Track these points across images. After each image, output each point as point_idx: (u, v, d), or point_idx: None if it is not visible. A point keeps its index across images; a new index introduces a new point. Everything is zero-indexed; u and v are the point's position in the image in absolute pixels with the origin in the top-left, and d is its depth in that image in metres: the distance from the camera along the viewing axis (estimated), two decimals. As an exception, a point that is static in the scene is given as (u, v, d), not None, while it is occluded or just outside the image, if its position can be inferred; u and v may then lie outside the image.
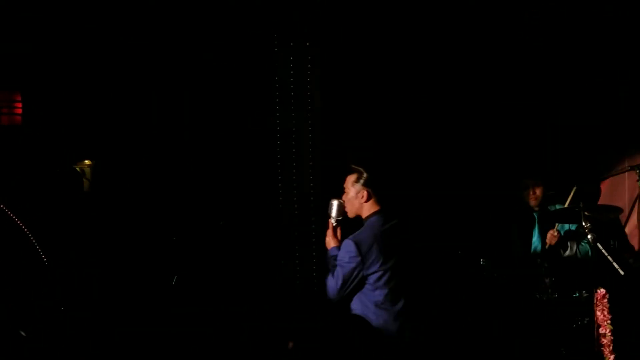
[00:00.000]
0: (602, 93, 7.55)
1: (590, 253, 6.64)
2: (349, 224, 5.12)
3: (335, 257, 4.91)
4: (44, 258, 6.49)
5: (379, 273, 4.81)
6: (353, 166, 4.99)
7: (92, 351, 5.01)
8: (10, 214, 6.55)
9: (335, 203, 5.04)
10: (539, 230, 6.93)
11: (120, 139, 7.74)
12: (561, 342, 6.14)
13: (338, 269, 4.85)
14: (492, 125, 7.75)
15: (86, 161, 7.94)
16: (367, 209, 4.96)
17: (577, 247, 6.74)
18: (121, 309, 6.32)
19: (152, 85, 7.70)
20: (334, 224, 5.06)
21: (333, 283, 4.86)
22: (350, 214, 5.03)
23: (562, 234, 6.79)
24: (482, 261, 6.57)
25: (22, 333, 5.43)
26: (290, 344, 5.06)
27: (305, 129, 7.84)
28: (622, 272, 6.45)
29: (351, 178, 5.00)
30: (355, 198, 4.97)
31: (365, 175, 4.95)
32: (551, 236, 6.72)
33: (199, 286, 6.76)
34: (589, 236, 6.11)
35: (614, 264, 6.36)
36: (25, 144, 7.67)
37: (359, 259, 4.79)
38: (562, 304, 6.30)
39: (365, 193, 4.94)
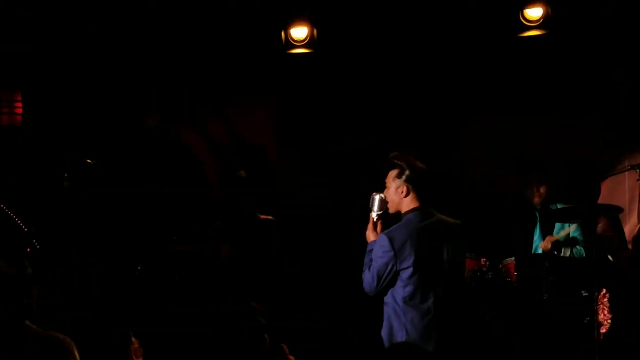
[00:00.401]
0: (602, 93, 7.54)
1: (584, 255, 6.65)
2: (391, 219, 5.08)
3: (372, 251, 4.92)
4: (43, 257, 6.50)
5: (411, 269, 4.76)
6: (396, 161, 4.96)
7: (91, 351, 5.00)
8: (11, 213, 6.56)
9: (377, 197, 4.99)
10: (540, 229, 6.92)
11: (120, 138, 7.74)
12: (561, 341, 6.14)
13: (373, 263, 4.84)
14: (493, 124, 7.76)
15: (87, 161, 7.94)
16: (406, 204, 4.90)
17: (571, 251, 6.74)
18: (121, 308, 6.32)
19: (152, 85, 7.71)
20: (375, 219, 5.02)
21: (369, 278, 4.84)
22: (391, 209, 4.97)
23: (561, 239, 6.79)
24: (483, 260, 6.57)
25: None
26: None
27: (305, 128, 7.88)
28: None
29: (393, 173, 4.94)
30: (395, 193, 4.91)
31: (407, 171, 4.90)
32: (545, 245, 6.72)
33: (199, 285, 6.77)
34: None
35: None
36: (25, 143, 7.68)
37: (391, 253, 4.76)
38: (562, 304, 6.30)
39: (405, 189, 4.88)
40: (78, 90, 7.67)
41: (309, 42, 7.20)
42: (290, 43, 7.24)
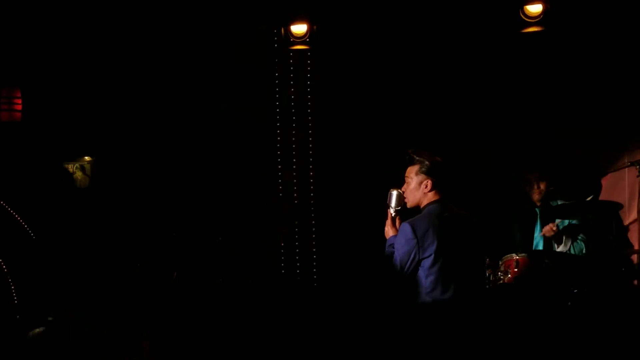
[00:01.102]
0: (602, 89, 7.53)
1: (584, 251, 6.65)
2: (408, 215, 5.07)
3: (393, 245, 4.90)
4: (42, 254, 6.50)
5: (432, 258, 4.75)
6: (416, 157, 4.95)
7: (90, 351, 5.02)
8: (10, 210, 6.55)
9: (394, 193, 4.99)
10: (540, 226, 6.91)
11: (119, 135, 7.74)
12: (561, 338, 6.14)
13: (395, 253, 4.83)
14: (493, 120, 7.74)
15: (86, 157, 7.95)
16: (428, 198, 4.91)
17: (572, 243, 6.73)
18: (119, 307, 6.33)
19: (151, 81, 7.71)
20: (393, 214, 5.02)
21: (392, 269, 4.84)
22: (410, 204, 4.97)
23: (561, 228, 6.78)
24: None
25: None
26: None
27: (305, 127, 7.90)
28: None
29: (414, 168, 4.95)
30: (417, 188, 4.91)
31: (428, 164, 4.91)
32: (549, 229, 6.69)
33: (198, 283, 6.77)
34: None
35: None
36: (24, 140, 7.68)
37: (414, 241, 4.75)
38: (562, 301, 6.30)
39: (429, 182, 4.89)
40: (77, 87, 7.68)
41: (308, 39, 7.21)
42: (290, 39, 7.26)
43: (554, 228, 6.66)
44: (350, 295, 7.11)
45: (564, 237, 6.72)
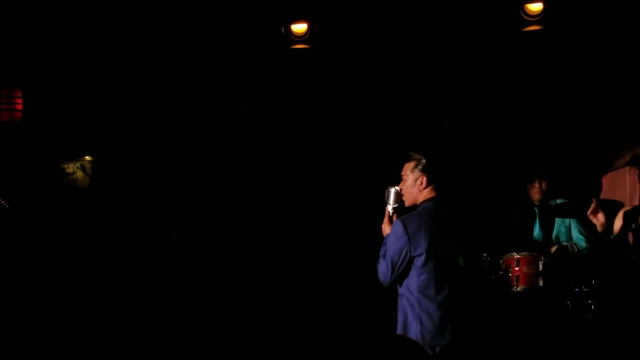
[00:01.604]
0: (603, 88, 7.53)
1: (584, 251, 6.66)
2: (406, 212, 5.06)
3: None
4: (43, 253, 6.52)
5: (425, 256, 4.71)
6: (412, 153, 4.93)
7: (90, 350, 5.03)
8: (10, 208, 6.57)
9: (392, 190, 4.99)
10: (540, 225, 6.91)
11: (120, 134, 7.76)
12: (561, 336, 6.14)
13: (387, 251, 4.80)
14: (493, 118, 7.75)
15: (86, 157, 7.96)
16: (424, 196, 4.88)
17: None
18: (120, 306, 6.35)
19: (151, 81, 7.72)
20: (391, 212, 5.00)
21: (384, 267, 4.80)
22: (408, 202, 4.95)
23: (562, 228, 6.79)
24: (484, 256, 6.55)
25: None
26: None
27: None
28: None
29: (410, 165, 4.93)
30: (413, 186, 4.89)
31: (424, 161, 4.88)
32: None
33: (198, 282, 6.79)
34: None
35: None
36: (25, 139, 7.70)
37: (405, 238, 4.72)
38: (561, 299, 6.30)
39: (424, 179, 4.86)
40: (77, 87, 7.69)
41: (308, 38, 7.22)
42: (290, 38, 7.26)
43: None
44: (348, 294, 7.12)
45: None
